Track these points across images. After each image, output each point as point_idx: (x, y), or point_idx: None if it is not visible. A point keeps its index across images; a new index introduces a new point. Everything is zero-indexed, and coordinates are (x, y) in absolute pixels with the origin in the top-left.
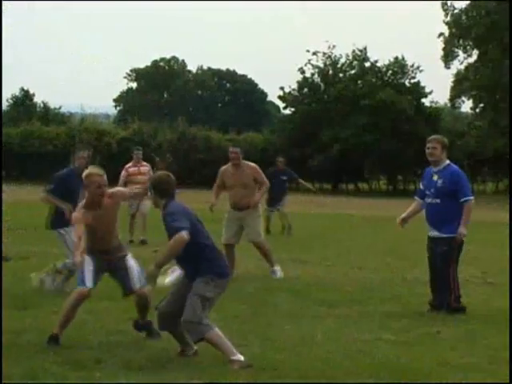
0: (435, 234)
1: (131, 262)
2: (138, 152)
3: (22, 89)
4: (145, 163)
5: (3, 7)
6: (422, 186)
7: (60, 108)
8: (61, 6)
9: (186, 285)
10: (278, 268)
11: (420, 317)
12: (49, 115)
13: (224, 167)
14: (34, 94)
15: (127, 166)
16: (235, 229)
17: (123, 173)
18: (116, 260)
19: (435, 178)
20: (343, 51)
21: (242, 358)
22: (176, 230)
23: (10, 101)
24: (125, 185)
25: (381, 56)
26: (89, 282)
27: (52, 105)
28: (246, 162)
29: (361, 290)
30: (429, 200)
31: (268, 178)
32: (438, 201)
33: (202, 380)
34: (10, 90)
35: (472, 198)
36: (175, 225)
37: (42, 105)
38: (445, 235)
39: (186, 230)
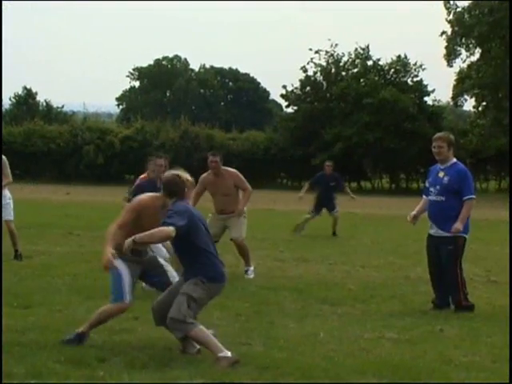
0: (440, 232)
1: (163, 261)
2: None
3: (25, 87)
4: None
5: (3, 7)
6: (427, 184)
7: (63, 107)
8: (63, 5)
9: (181, 284)
10: (252, 268)
11: (423, 315)
12: (51, 114)
13: (204, 175)
14: (36, 93)
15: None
16: (216, 230)
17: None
18: (147, 261)
19: (441, 175)
20: (346, 50)
21: (229, 353)
22: (166, 224)
23: (12, 99)
24: None
25: (383, 54)
26: (129, 295)
27: (54, 104)
28: (226, 169)
29: (364, 289)
30: (433, 197)
31: (315, 183)
32: (443, 198)
33: (204, 379)
34: (13, 89)
35: (473, 197)
36: (168, 220)
37: (44, 104)
38: (449, 234)
39: (175, 227)
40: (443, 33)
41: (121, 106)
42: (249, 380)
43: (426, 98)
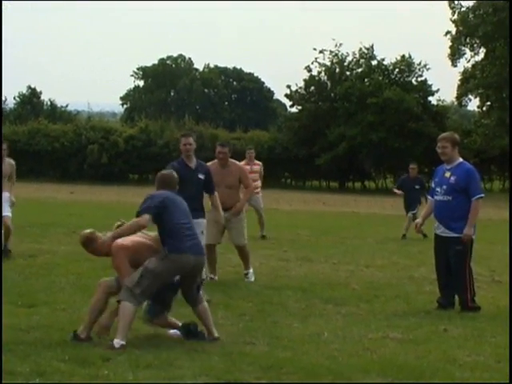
0: (447, 232)
1: None
2: (250, 151)
3: (29, 87)
4: (257, 162)
5: (4, 7)
6: (433, 184)
7: (67, 106)
8: (68, 5)
9: None
10: (251, 271)
11: (427, 315)
12: (56, 113)
13: (210, 163)
14: (40, 92)
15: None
16: (215, 230)
17: None
18: None
19: (447, 175)
20: (350, 49)
21: (122, 343)
22: (140, 213)
23: (17, 99)
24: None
25: (388, 54)
26: None
27: (59, 103)
28: (233, 161)
29: (368, 289)
30: (439, 197)
31: (400, 186)
32: (450, 198)
33: (209, 377)
34: (17, 88)
35: (482, 195)
36: (141, 208)
37: (48, 103)
38: (457, 234)
39: (147, 213)
40: (448, 32)
41: (125, 106)
42: (253, 379)
43: (430, 98)
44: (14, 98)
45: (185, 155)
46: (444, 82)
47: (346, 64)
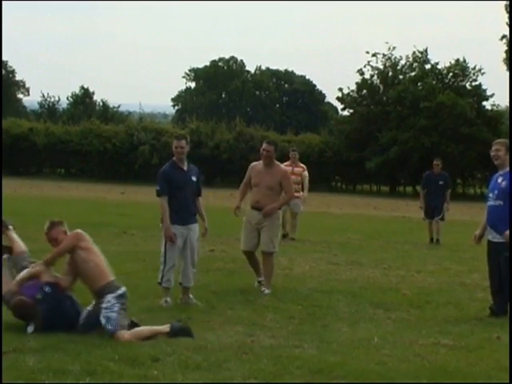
0: (498, 238)
1: None
2: (294, 152)
3: (82, 87)
4: (301, 164)
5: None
6: (488, 192)
7: (119, 107)
8: (121, 5)
9: None
10: (267, 292)
11: (479, 322)
12: (108, 114)
13: (254, 163)
14: (93, 93)
15: (283, 164)
16: (253, 235)
17: None
18: None
19: (500, 180)
20: (403, 53)
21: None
22: None
23: (70, 99)
24: None
25: (442, 58)
26: None
27: (111, 103)
28: (278, 164)
29: (418, 294)
30: (491, 202)
31: (424, 185)
32: (501, 202)
33: (258, 380)
34: (71, 88)
35: None
36: None
37: (101, 103)
38: (507, 240)
39: None
40: (503, 37)
41: (176, 107)
42: (302, 381)
43: (484, 103)
44: (67, 98)
45: (177, 158)
46: (499, 86)
47: (399, 68)
